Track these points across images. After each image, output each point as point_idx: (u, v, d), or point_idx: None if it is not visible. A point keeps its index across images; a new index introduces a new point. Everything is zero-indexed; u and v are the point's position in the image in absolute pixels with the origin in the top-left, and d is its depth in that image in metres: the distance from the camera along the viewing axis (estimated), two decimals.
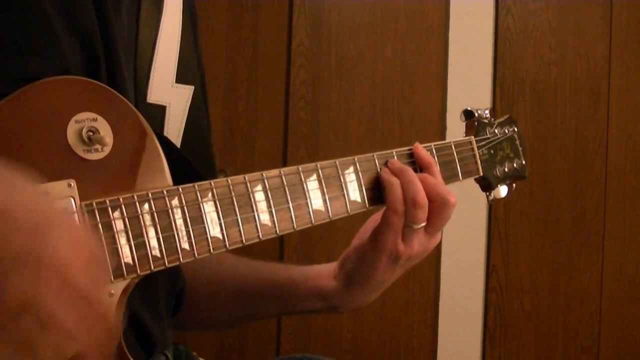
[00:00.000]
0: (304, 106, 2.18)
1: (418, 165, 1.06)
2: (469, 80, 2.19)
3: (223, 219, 0.87)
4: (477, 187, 1.22)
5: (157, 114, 1.03)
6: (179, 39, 1.07)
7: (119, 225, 0.80)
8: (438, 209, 1.03)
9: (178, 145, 1.06)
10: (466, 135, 1.17)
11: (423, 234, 1.04)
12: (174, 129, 1.05)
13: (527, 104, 2.21)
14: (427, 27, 2.21)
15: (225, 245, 0.88)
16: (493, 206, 2.20)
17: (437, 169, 1.06)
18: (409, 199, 1.01)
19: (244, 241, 0.89)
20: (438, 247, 2.18)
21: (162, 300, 1.07)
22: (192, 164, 1.03)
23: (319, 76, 2.18)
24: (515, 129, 1.23)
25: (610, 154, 2.19)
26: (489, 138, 1.18)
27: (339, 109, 2.19)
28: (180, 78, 1.07)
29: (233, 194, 0.88)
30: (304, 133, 2.18)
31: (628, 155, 2.19)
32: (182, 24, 1.09)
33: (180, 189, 0.85)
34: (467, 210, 2.16)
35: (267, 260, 1.22)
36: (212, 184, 0.87)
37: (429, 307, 2.21)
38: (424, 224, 1.02)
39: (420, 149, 1.06)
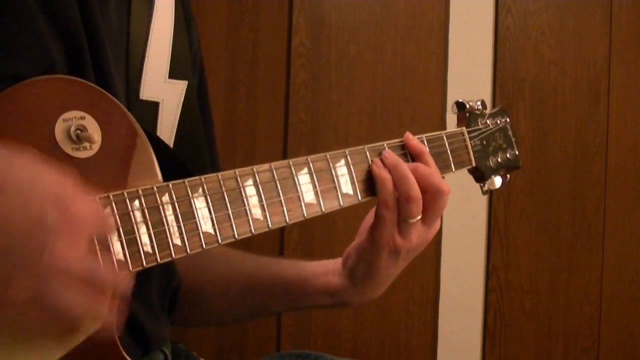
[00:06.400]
0: (304, 106, 2.18)
1: (410, 155, 1.06)
2: (469, 80, 2.19)
3: (214, 214, 0.87)
4: (477, 187, 1.22)
5: (150, 110, 1.03)
6: (172, 33, 1.07)
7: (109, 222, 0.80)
8: (432, 199, 1.03)
9: (172, 141, 1.06)
10: (458, 127, 1.17)
11: (420, 226, 1.03)
12: (168, 125, 1.05)
13: (527, 104, 2.20)
14: (427, 27, 2.21)
15: (218, 240, 0.88)
16: (493, 206, 2.20)
17: (429, 157, 1.06)
18: (403, 195, 1.01)
19: (236, 236, 0.89)
20: (438, 247, 2.19)
21: (156, 296, 1.07)
22: (182, 161, 1.03)
23: (319, 76, 2.19)
24: (508, 120, 1.23)
25: (610, 154, 2.19)
26: (480, 129, 1.18)
27: (339, 109, 2.19)
28: (174, 73, 1.07)
29: (224, 188, 0.88)
30: (304, 133, 2.18)
31: (628, 155, 2.19)
32: (175, 18, 1.09)
33: (171, 185, 0.85)
34: (467, 210, 2.16)
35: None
36: (203, 179, 0.87)
37: (429, 307, 2.21)
38: (419, 217, 1.02)
39: (412, 138, 1.06)
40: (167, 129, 1.05)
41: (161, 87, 1.05)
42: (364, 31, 2.20)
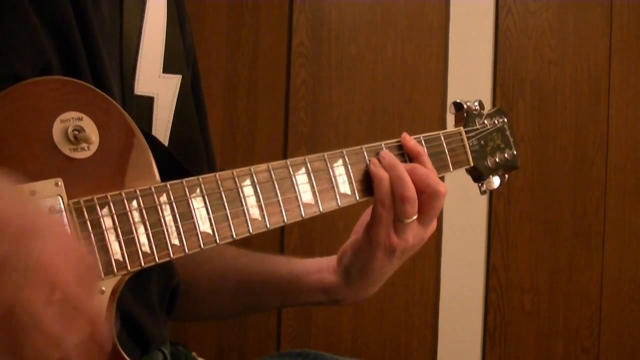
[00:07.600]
0: (304, 106, 2.18)
1: (407, 155, 1.06)
2: (469, 80, 2.19)
3: (212, 214, 0.87)
4: (477, 187, 1.22)
5: (145, 105, 1.03)
6: (165, 28, 1.07)
7: (107, 222, 0.80)
8: (429, 199, 1.03)
9: (167, 135, 1.06)
10: (455, 127, 1.17)
11: (417, 226, 1.03)
12: (163, 120, 1.05)
13: (527, 104, 2.20)
14: (427, 27, 2.21)
15: (216, 240, 0.88)
16: (493, 206, 2.20)
17: (426, 158, 1.06)
18: (398, 195, 1.01)
19: (234, 236, 0.89)
20: (438, 247, 2.19)
21: (155, 296, 1.07)
22: (179, 160, 1.03)
23: (319, 76, 2.19)
24: (505, 120, 1.23)
25: (610, 154, 2.19)
26: (478, 129, 1.18)
27: (339, 109, 2.19)
28: (167, 68, 1.07)
29: (221, 189, 0.89)
30: (304, 133, 2.18)
31: (628, 155, 2.19)
32: (167, 12, 1.09)
33: (169, 185, 0.85)
34: (467, 210, 2.16)
35: None
36: (200, 179, 0.87)
37: (429, 307, 2.21)
38: (415, 217, 1.02)
39: (409, 139, 1.06)
40: (162, 123, 1.05)
41: (155, 82, 1.05)
42: (364, 31, 2.20)
